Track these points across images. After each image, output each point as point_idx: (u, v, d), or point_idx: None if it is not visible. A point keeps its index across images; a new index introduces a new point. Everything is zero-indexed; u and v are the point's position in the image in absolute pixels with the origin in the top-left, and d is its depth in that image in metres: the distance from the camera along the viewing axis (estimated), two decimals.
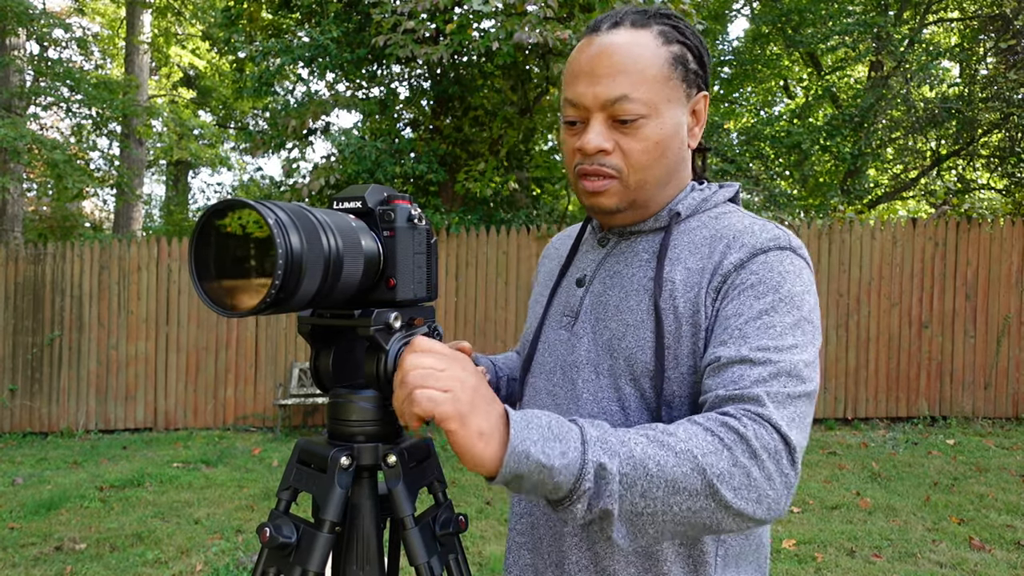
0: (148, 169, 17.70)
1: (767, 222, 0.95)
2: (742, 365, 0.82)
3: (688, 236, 0.96)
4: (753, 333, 0.84)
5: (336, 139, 8.46)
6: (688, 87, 0.96)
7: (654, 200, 0.98)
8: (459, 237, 7.69)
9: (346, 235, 0.76)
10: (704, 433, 0.76)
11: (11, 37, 10.17)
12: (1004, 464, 5.61)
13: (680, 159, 0.98)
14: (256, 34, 9.94)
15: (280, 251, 0.66)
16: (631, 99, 0.91)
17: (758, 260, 0.89)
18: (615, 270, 1.00)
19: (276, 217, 0.67)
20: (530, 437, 0.71)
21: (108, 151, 13.42)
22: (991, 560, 3.68)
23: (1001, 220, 7.41)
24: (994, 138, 11.51)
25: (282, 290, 0.67)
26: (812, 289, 0.91)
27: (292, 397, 7.34)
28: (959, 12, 12.70)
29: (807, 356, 0.84)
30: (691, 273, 0.92)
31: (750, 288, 0.87)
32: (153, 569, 3.70)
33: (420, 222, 0.84)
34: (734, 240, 0.92)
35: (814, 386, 0.84)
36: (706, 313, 0.90)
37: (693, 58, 0.97)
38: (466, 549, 3.45)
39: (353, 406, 0.84)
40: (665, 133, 0.93)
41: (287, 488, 0.87)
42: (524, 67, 8.85)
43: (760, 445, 0.75)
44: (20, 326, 7.63)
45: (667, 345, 0.91)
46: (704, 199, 1.00)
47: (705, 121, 1.01)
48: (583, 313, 1.01)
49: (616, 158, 0.94)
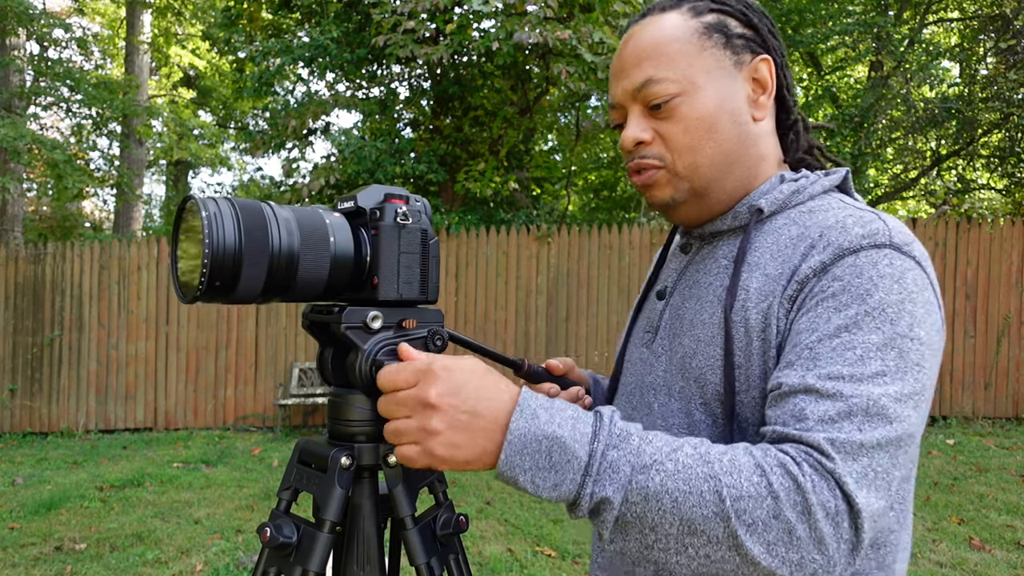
0: (148, 169, 17.70)
1: (870, 213, 0.79)
2: (806, 397, 0.69)
3: (773, 236, 0.83)
4: (825, 355, 0.70)
5: (336, 139, 8.46)
6: (735, 53, 0.85)
7: (719, 187, 0.86)
8: (459, 237, 7.69)
9: (309, 232, 0.77)
10: (753, 471, 0.65)
11: (11, 37, 10.17)
12: (1004, 464, 5.61)
13: (741, 135, 0.86)
14: (256, 34, 9.95)
15: (205, 242, 0.70)
16: (657, 80, 0.83)
17: (845, 263, 0.74)
18: (694, 279, 0.90)
19: (210, 212, 0.71)
20: (521, 465, 0.68)
21: (108, 151, 13.42)
22: (991, 560, 3.68)
23: (1001, 220, 7.41)
24: (994, 138, 11.51)
25: (215, 279, 0.71)
26: (920, 297, 0.73)
27: (292, 397, 7.34)
28: (959, 12, 12.70)
29: (898, 388, 0.68)
30: (768, 280, 0.79)
31: (831, 298, 0.73)
32: (153, 569, 3.70)
33: (410, 221, 0.82)
34: (819, 239, 0.77)
35: (906, 428, 0.68)
36: (777, 327, 0.76)
37: (738, 23, 0.87)
38: (466, 549, 3.46)
39: (352, 406, 0.84)
40: (707, 108, 0.83)
41: (287, 488, 0.87)
42: (524, 67, 8.85)
43: (817, 500, 0.63)
44: (20, 326, 7.63)
45: (737, 364, 0.79)
46: (795, 191, 0.85)
47: (774, 87, 0.88)
48: (662, 329, 0.92)
49: (657, 147, 0.86)
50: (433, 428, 0.70)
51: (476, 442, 0.70)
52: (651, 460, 0.67)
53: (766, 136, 0.89)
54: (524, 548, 3.88)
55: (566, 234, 7.69)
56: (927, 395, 0.71)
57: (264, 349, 7.68)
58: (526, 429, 0.69)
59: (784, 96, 0.92)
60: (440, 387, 0.71)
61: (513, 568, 3.60)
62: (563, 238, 7.68)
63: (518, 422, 0.69)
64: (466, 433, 0.70)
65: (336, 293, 0.83)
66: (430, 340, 0.84)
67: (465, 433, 0.70)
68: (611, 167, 13.37)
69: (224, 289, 0.73)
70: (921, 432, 0.71)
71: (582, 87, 7.58)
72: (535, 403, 0.71)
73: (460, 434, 0.70)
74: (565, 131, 11.35)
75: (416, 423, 0.71)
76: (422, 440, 0.71)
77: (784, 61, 0.90)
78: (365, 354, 0.79)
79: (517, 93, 9.35)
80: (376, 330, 0.80)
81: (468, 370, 0.73)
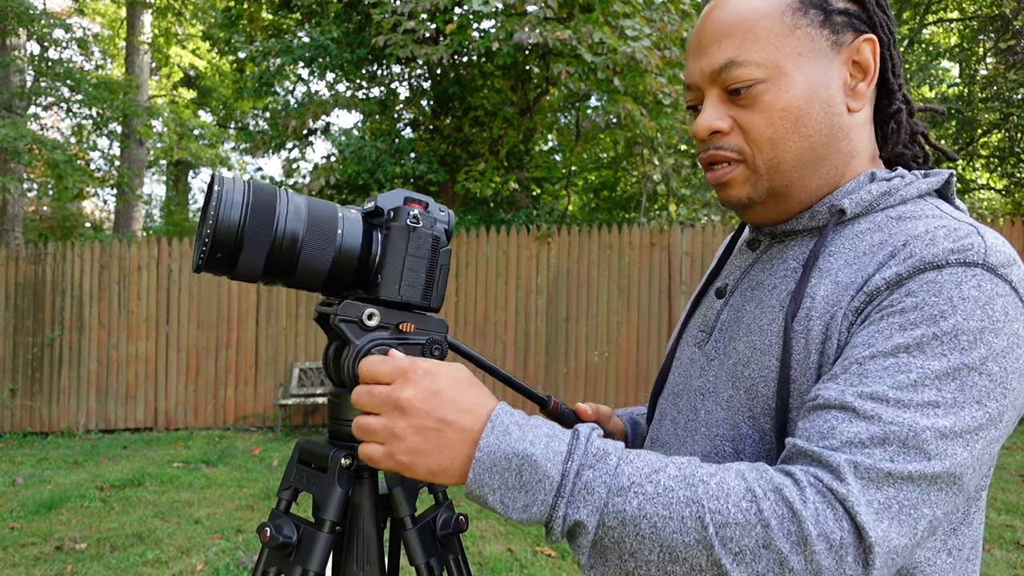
0: (148, 169, 17.71)
1: (968, 225, 0.69)
2: (841, 414, 0.62)
3: (852, 242, 0.74)
4: (874, 373, 0.63)
5: (336, 139, 8.47)
6: (835, 33, 0.75)
7: (802, 186, 0.77)
8: (459, 237, 7.70)
9: (317, 223, 0.79)
10: (742, 496, 0.60)
11: (12, 37, 10.17)
12: (1004, 464, 5.61)
13: (832, 129, 0.75)
14: (256, 34, 9.96)
15: (212, 215, 0.74)
16: (740, 63, 0.74)
17: (924, 278, 0.65)
18: (758, 280, 0.81)
19: (224, 188, 0.75)
20: (489, 483, 0.65)
21: (108, 151, 13.43)
22: (991, 560, 3.68)
23: (1001, 220, 7.41)
24: (994, 138, 11.51)
25: (216, 252, 0.75)
26: (1008, 328, 0.63)
27: (292, 397, 7.34)
28: (959, 12, 12.70)
29: (949, 423, 0.61)
30: (838, 288, 0.71)
31: (898, 314, 0.65)
32: (153, 569, 3.70)
33: (421, 224, 0.81)
34: (902, 248, 0.68)
35: (948, 467, 0.60)
36: (838, 341, 0.69)
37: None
38: (466, 549, 3.46)
39: (351, 406, 0.84)
40: (796, 97, 0.74)
41: (287, 488, 0.87)
42: (524, 67, 8.85)
43: (817, 531, 0.58)
44: (20, 326, 7.64)
45: (792, 378, 0.71)
46: (885, 192, 0.75)
47: (877, 72, 0.77)
48: (717, 330, 0.84)
49: (736, 138, 0.76)
50: (399, 431, 0.67)
51: (443, 453, 0.67)
52: (629, 482, 0.62)
53: (861, 128, 0.78)
54: (524, 548, 3.89)
55: (566, 234, 7.70)
56: (987, 435, 0.63)
57: (264, 349, 7.68)
58: (496, 446, 0.65)
59: (888, 80, 0.80)
60: (415, 390, 0.68)
61: (513, 568, 3.60)
62: (563, 238, 7.68)
63: (488, 438, 0.65)
64: (433, 442, 0.67)
65: (344, 287, 0.83)
66: (427, 349, 0.82)
67: (432, 442, 0.67)
68: (611, 167, 13.37)
69: (226, 262, 0.76)
70: (975, 477, 0.63)
71: (582, 87, 7.58)
72: (509, 419, 0.67)
73: (426, 442, 0.67)
74: (565, 131, 11.36)
75: (384, 422, 0.69)
76: (387, 441, 0.68)
77: (893, 39, 0.79)
78: (355, 349, 0.78)
79: (517, 93, 9.35)
80: (371, 328, 0.80)
81: (449, 377, 0.70)
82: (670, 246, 7.63)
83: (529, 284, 7.65)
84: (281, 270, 0.78)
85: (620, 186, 13.49)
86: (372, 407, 0.70)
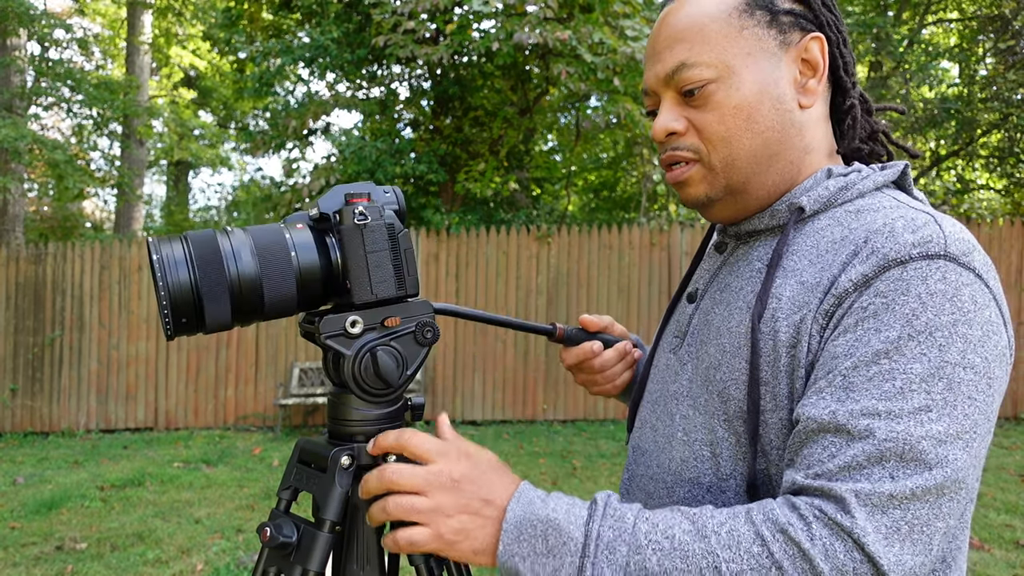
0: (149, 169, 17.70)
1: (924, 214, 0.70)
2: (834, 437, 0.63)
3: (813, 239, 0.75)
4: (860, 385, 0.63)
5: (336, 139, 8.48)
6: (782, 33, 0.77)
7: (759, 183, 0.78)
8: (459, 237, 7.70)
9: (268, 254, 0.77)
10: (752, 542, 0.61)
11: (12, 38, 10.17)
12: (1003, 464, 5.61)
13: (784, 124, 0.77)
14: (256, 35, 9.96)
15: (160, 284, 0.72)
16: (691, 64, 0.76)
17: (890, 276, 0.66)
18: (726, 282, 0.83)
19: (162, 254, 0.73)
20: (520, 552, 0.66)
21: (109, 151, 13.43)
22: (990, 560, 3.69)
23: (1000, 220, 7.42)
24: (993, 138, 11.51)
25: (180, 317, 0.73)
26: (979, 317, 0.64)
27: (292, 397, 7.35)
28: (958, 13, 12.70)
29: (944, 427, 0.61)
30: (804, 289, 0.71)
31: (871, 318, 0.65)
32: (154, 569, 3.71)
33: (370, 219, 0.79)
34: (864, 244, 0.69)
35: (950, 474, 0.60)
36: (809, 346, 0.69)
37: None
38: None
39: (351, 406, 0.85)
40: (746, 95, 0.75)
41: (287, 488, 0.87)
42: (524, 67, 8.86)
43: (830, 567, 0.58)
44: (21, 326, 7.64)
45: (763, 380, 0.72)
46: (843, 187, 0.77)
47: (826, 69, 0.78)
48: (689, 335, 0.85)
49: (691, 138, 0.78)
50: (448, 510, 0.68)
51: (484, 531, 0.68)
52: (647, 540, 0.64)
53: (815, 124, 0.80)
54: None
55: (566, 234, 7.70)
56: (981, 431, 0.63)
57: (264, 349, 7.69)
58: (522, 514, 0.67)
59: (841, 77, 0.82)
60: (463, 468, 0.70)
61: None
62: (563, 238, 7.69)
63: (514, 509, 0.68)
64: (476, 521, 0.68)
65: (319, 302, 0.83)
66: (419, 333, 0.82)
67: (475, 521, 0.68)
68: (611, 167, 13.36)
69: (194, 323, 0.75)
70: (976, 475, 0.64)
71: (582, 87, 7.58)
72: (532, 492, 0.69)
73: (471, 521, 0.68)
74: (565, 131, 11.36)
75: (430, 502, 0.69)
76: (432, 522, 0.68)
77: (842, 38, 0.81)
78: (349, 360, 0.78)
79: (517, 93, 9.36)
80: (357, 335, 0.79)
81: (486, 460, 0.73)
82: (670, 246, 7.63)
83: (529, 284, 7.66)
84: (250, 311, 0.77)
85: (620, 186, 13.48)
86: (417, 487, 0.69)
